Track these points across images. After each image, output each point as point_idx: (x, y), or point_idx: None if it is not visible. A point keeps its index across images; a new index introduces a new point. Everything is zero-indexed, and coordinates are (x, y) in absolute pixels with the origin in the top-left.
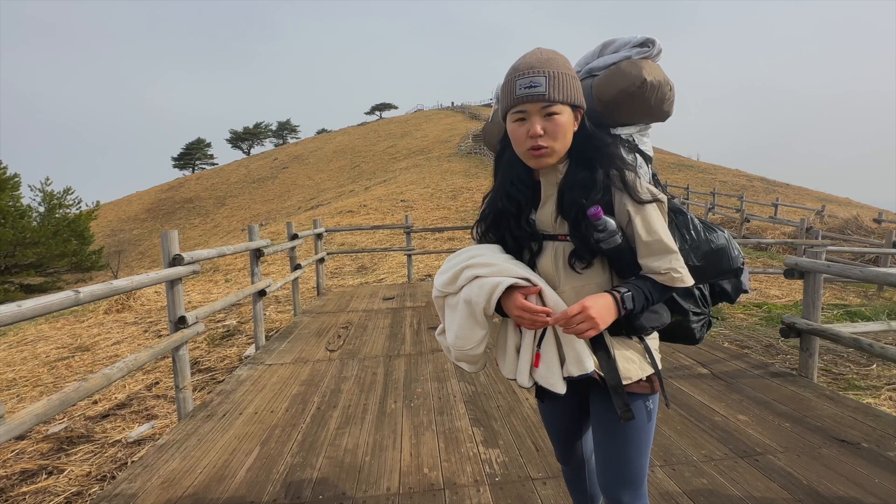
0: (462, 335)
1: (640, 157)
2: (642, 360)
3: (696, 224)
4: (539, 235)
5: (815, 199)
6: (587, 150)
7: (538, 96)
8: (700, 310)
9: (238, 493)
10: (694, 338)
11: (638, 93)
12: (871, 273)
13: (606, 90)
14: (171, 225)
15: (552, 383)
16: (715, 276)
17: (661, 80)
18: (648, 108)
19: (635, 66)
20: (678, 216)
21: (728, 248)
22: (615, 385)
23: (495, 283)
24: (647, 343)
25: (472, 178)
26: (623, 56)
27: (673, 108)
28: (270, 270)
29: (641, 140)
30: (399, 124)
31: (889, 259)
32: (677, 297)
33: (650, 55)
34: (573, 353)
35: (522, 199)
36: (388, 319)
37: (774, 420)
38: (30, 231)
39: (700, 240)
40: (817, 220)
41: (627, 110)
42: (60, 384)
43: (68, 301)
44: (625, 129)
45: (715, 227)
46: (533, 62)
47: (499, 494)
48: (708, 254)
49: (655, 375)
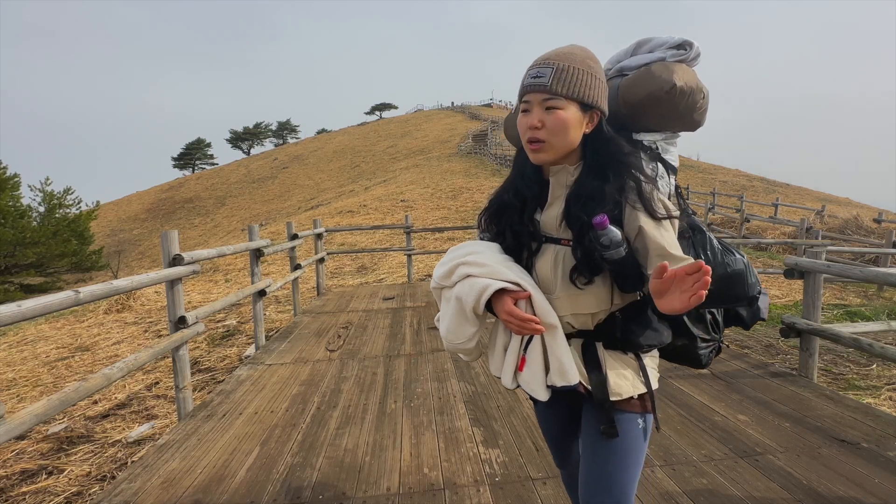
0: (452, 329)
1: (663, 166)
2: (636, 377)
3: (714, 245)
4: (540, 235)
5: (815, 199)
6: (602, 157)
7: (540, 87)
8: (710, 336)
9: (238, 493)
10: (700, 363)
11: (666, 98)
12: (871, 273)
13: (633, 92)
14: (171, 225)
15: (534, 389)
16: (727, 303)
17: (694, 87)
18: (677, 116)
19: (667, 70)
20: (696, 234)
21: (745, 273)
22: (601, 400)
23: (485, 286)
24: (642, 360)
25: (472, 178)
26: (657, 57)
27: (705, 118)
28: (270, 270)
29: (667, 148)
30: (399, 124)
31: (889, 259)
32: (686, 320)
33: (686, 59)
34: (557, 362)
35: (528, 195)
36: (388, 319)
37: (774, 420)
38: (30, 231)
39: (716, 262)
40: (817, 220)
41: (654, 115)
42: (60, 384)
43: (68, 301)
44: (649, 135)
45: (734, 250)
46: (551, 54)
47: (499, 494)
48: (723, 278)
49: (648, 395)
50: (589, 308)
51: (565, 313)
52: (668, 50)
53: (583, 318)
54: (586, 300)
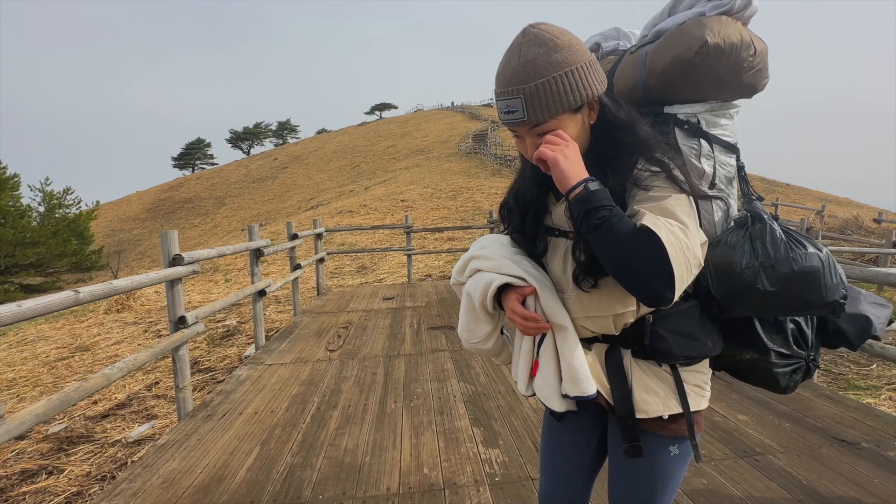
0: (466, 327)
1: (708, 143)
2: (669, 394)
3: (776, 235)
4: (544, 237)
5: (815, 199)
6: (607, 149)
7: (518, 122)
8: (790, 351)
9: (238, 492)
10: (777, 384)
11: (696, 60)
12: (871, 273)
13: (658, 58)
14: (171, 225)
15: (547, 398)
16: (800, 309)
17: (736, 43)
18: (717, 80)
19: (699, 26)
20: (755, 223)
21: (820, 272)
22: (623, 414)
23: (490, 280)
24: (679, 375)
25: (472, 178)
26: (696, 13)
27: (763, 80)
28: (270, 270)
29: (714, 121)
30: (399, 124)
31: (889, 259)
32: (759, 328)
33: (730, 9)
34: (568, 368)
35: (528, 196)
36: (387, 319)
37: (774, 420)
38: (30, 231)
39: (778, 257)
40: (817, 219)
41: (687, 83)
42: (60, 384)
43: (68, 301)
44: (686, 106)
45: (808, 241)
46: (509, 76)
47: (499, 494)
48: (788, 277)
49: (682, 417)
50: (604, 310)
51: (579, 315)
52: (708, 2)
53: (601, 321)
54: (601, 301)
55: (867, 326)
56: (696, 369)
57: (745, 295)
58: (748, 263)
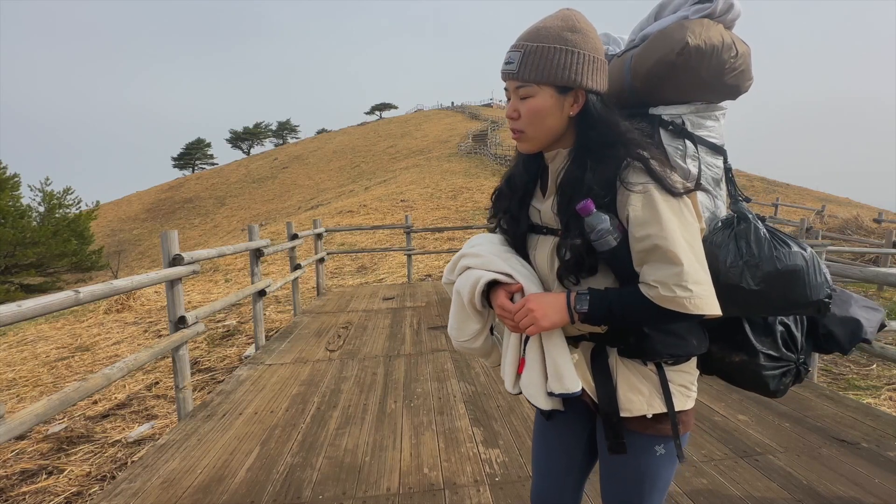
0: (455, 325)
1: (694, 144)
2: (653, 393)
3: (760, 235)
4: (525, 226)
5: (815, 199)
6: (589, 140)
7: (508, 74)
8: (779, 353)
9: (238, 492)
10: (766, 387)
11: (679, 61)
12: (871, 273)
13: (641, 61)
14: (171, 225)
15: (533, 395)
16: (785, 309)
17: (717, 45)
18: (700, 82)
19: (681, 29)
20: (740, 223)
21: (804, 271)
22: (607, 412)
23: (478, 277)
24: (664, 374)
25: (472, 178)
26: (680, 17)
27: (746, 82)
28: (270, 270)
29: (700, 122)
30: (399, 124)
31: (889, 259)
32: (748, 330)
33: (713, 13)
34: (553, 365)
35: (519, 183)
36: (388, 319)
37: (774, 420)
38: (30, 231)
39: (762, 256)
40: (817, 220)
41: (671, 85)
42: (60, 384)
43: (68, 301)
44: (671, 108)
45: (791, 241)
46: (524, 34)
47: (499, 494)
48: (772, 276)
49: (668, 417)
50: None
51: None
52: (691, 6)
53: None
54: None
55: (857, 330)
56: (682, 369)
57: (731, 294)
58: (733, 262)
